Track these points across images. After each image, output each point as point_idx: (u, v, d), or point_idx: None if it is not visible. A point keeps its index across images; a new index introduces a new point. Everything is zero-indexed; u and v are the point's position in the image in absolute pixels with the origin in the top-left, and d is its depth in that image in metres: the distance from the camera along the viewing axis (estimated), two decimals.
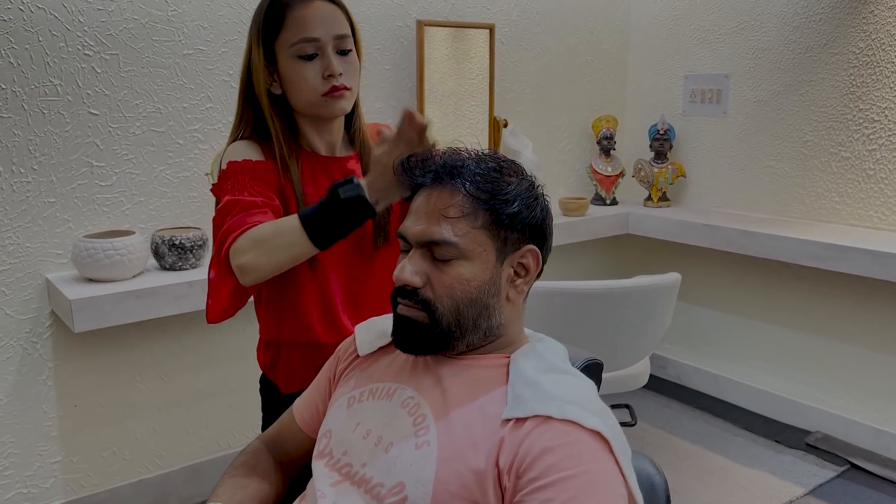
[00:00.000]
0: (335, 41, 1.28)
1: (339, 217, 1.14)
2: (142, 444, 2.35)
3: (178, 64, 2.25)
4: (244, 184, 1.25)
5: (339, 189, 1.14)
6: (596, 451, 0.85)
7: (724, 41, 3.01)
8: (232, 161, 1.28)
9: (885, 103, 2.56)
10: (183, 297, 2.06)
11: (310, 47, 1.26)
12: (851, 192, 2.69)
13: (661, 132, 3.16)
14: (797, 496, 2.46)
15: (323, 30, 1.26)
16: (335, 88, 1.27)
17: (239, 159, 1.28)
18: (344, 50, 1.29)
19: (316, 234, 1.15)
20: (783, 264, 2.87)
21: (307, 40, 1.26)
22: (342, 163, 1.37)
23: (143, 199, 2.25)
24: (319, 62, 1.27)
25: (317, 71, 1.27)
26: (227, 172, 1.27)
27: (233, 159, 1.28)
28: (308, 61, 1.27)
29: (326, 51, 1.27)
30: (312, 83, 1.27)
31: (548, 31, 3.09)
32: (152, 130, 2.23)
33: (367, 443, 0.96)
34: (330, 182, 1.33)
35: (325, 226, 1.15)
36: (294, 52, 1.27)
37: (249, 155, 1.29)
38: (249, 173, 1.26)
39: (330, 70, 1.26)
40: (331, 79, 1.27)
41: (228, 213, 1.22)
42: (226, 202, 1.23)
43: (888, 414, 2.66)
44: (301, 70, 1.27)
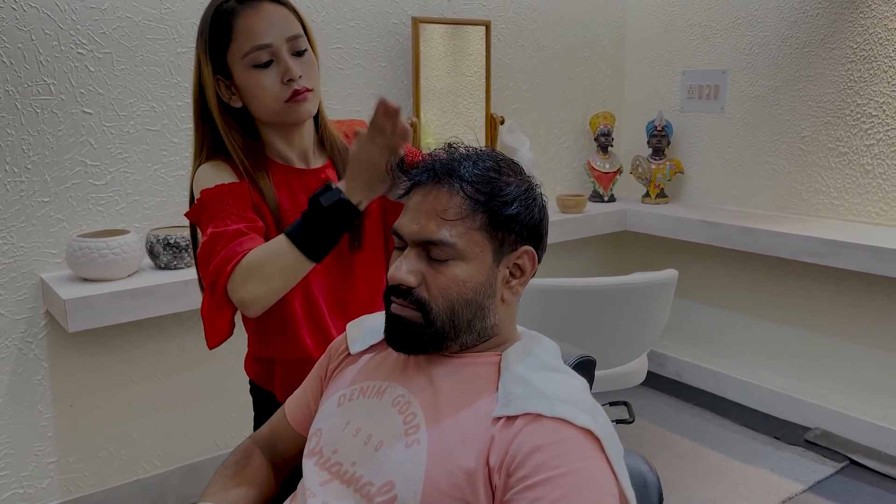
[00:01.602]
0: (289, 43, 1.22)
1: (326, 226, 1.12)
2: (139, 443, 2.34)
3: (171, 62, 2.24)
4: (223, 211, 1.20)
5: (319, 198, 1.12)
6: (586, 450, 0.84)
7: (721, 37, 3.00)
8: (204, 190, 1.23)
9: (882, 98, 2.55)
10: (178, 296, 2.05)
11: (264, 54, 1.20)
12: (849, 187, 2.68)
13: (659, 128, 3.15)
14: (796, 493, 2.45)
15: (274, 34, 1.20)
16: (297, 92, 1.22)
17: (211, 185, 1.22)
18: (299, 51, 1.23)
19: (308, 248, 1.13)
20: (782, 260, 2.86)
21: (260, 47, 1.20)
22: (318, 174, 1.32)
23: (137, 199, 2.24)
24: (276, 68, 1.21)
25: (275, 77, 1.21)
26: (203, 202, 1.22)
27: (205, 187, 1.23)
28: (264, 69, 1.21)
29: (281, 55, 1.21)
30: (272, 91, 1.21)
31: (544, 27, 3.08)
32: (146, 129, 2.23)
33: (357, 441, 0.95)
34: (308, 196, 1.28)
35: (314, 238, 1.13)
36: (248, 62, 1.21)
37: (220, 178, 1.24)
38: (224, 198, 1.21)
39: (289, 74, 1.21)
40: (291, 83, 1.22)
41: (216, 246, 1.18)
42: (210, 235, 1.19)
43: (887, 410, 2.65)
44: (258, 79, 1.21)
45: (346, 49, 2.56)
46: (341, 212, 1.12)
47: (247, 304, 1.14)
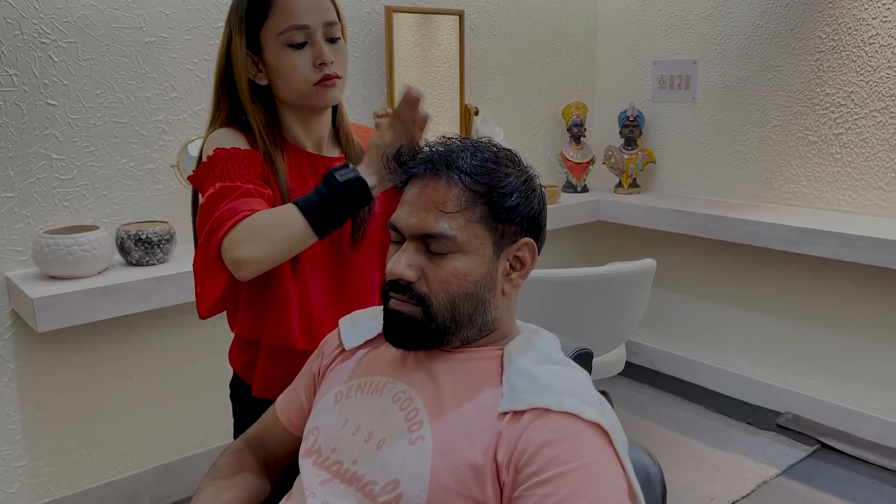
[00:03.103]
0: (325, 28, 1.23)
1: (338, 202, 1.11)
2: (111, 445, 2.28)
3: (139, 52, 2.17)
4: (234, 172, 1.19)
5: (335, 173, 1.10)
6: (595, 444, 0.83)
7: (692, 27, 3.02)
8: (220, 148, 1.22)
9: (851, 88, 2.59)
10: (152, 293, 2.00)
11: (299, 35, 1.21)
12: (819, 175, 2.73)
13: (631, 119, 3.16)
14: (770, 477, 2.49)
15: (312, 16, 1.21)
16: (327, 77, 1.22)
17: (227, 146, 1.22)
18: (333, 38, 1.24)
19: (316, 221, 1.11)
20: (753, 248, 2.90)
21: (297, 28, 1.20)
22: (329, 162, 1.32)
23: (106, 193, 2.18)
24: (309, 50, 1.22)
25: (307, 59, 1.21)
26: (214, 159, 1.21)
27: (221, 146, 1.22)
28: (297, 49, 1.21)
29: (316, 38, 1.22)
30: (303, 72, 1.22)
31: (517, 17, 3.06)
32: (114, 121, 2.16)
33: (357, 439, 0.93)
34: (317, 181, 1.29)
35: (325, 212, 1.11)
36: (283, 41, 1.21)
37: (237, 143, 1.24)
38: (239, 161, 1.21)
39: (322, 58, 1.21)
40: (322, 67, 1.22)
41: (222, 200, 1.15)
42: (219, 189, 1.17)
43: (857, 394, 2.71)
44: (290, 59, 1.21)
45: None
46: (355, 191, 1.11)
47: (240, 264, 1.10)
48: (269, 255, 1.11)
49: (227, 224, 1.12)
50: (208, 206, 1.16)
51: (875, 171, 2.57)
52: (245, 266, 1.11)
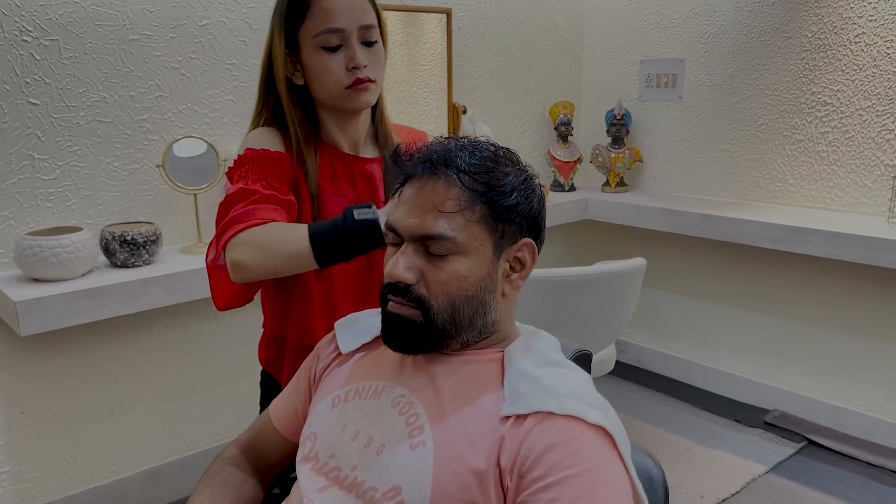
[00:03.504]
0: (360, 32, 1.23)
1: (347, 238, 1.09)
2: (95, 449, 2.24)
3: (123, 50, 2.14)
4: (258, 174, 1.22)
5: (354, 210, 1.09)
6: (600, 447, 0.82)
7: (678, 26, 3.02)
8: (250, 148, 1.25)
9: (836, 86, 2.60)
10: (138, 295, 1.96)
11: (334, 38, 1.22)
12: (805, 174, 2.74)
13: (618, 117, 3.16)
14: (759, 474, 2.50)
15: (348, 20, 1.22)
16: (359, 81, 1.24)
17: (257, 147, 1.25)
18: (369, 41, 1.25)
19: (321, 251, 1.10)
20: (741, 246, 2.91)
21: (332, 31, 1.21)
22: (363, 164, 1.33)
23: (89, 194, 2.14)
24: (343, 53, 1.23)
25: (341, 62, 1.23)
26: (243, 159, 1.24)
27: (251, 146, 1.25)
28: (332, 52, 1.23)
29: (351, 42, 1.23)
30: (336, 75, 1.23)
31: (504, 15, 3.05)
32: (98, 121, 2.12)
33: (356, 445, 0.91)
34: (349, 182, 1.30)
35: (331, 243, 1.10)
36: (318, 43, 1.23)
37: (269, 145, 1.26)
38: (266, 163, 1.23)
39: (354, 62, 1.23)
40: (355, 71, 1.23)
41: (239, 202, 1.18)
42: (237, 190, 1.19)
43: (844, 391, 2.72)
44: (324, 61, 1.23)
45: None
46: (367, 232, 1.09)
47: (236, 267, 1.11)
48: (265, 266, 1.11)
49: (237, 227, 1.13)
50: (225, 205, 1.19)
51: (861, 169, 2.59)
52: (240, 270, 1.11)
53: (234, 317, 2.45)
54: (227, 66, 2.33)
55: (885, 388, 2.62)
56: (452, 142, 0.95)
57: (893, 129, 2.49)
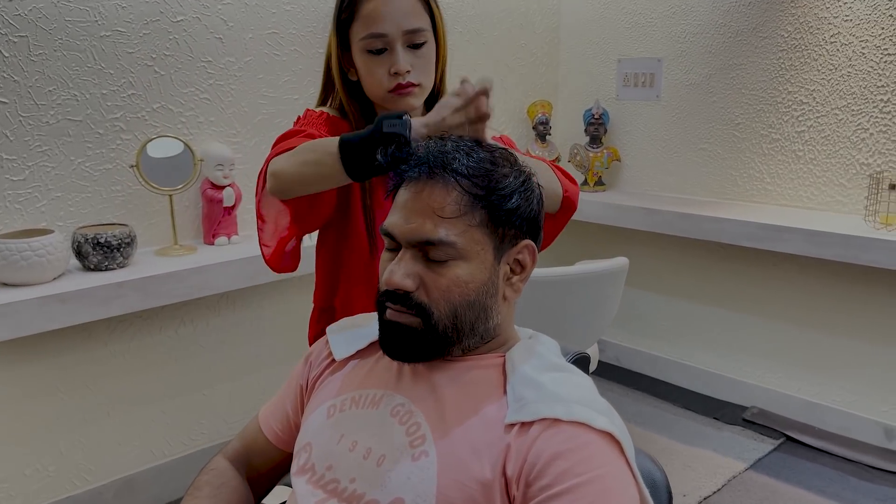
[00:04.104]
0: (405, 36, 1.23)
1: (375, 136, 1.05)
2: (68, 458, 2.18)
3: (94, 47, 2.07)
4: (311, 125, 1.27)
5: (384, 120, 1.05)
6: (608, 454, 0.80)
7: (656, 25, 3.03)
8: (311, 110, 1.32)
9: (812, 86, 2.63)
10: (113, 299, 1.91)
11: (378, 42, 1.22)
12: (782, 173, 2.76)
13: (596, 117, 3.16)
14: (739, 471, 2.51)
15: (391, 25, 1.21)
16: (401, 86, 1.24)
17: (318, 111, 1.32)
18: (416, 44, 1.24)
19: (348, 156, 1.06)
20: (719, 245, 2.92)
21: (374, 36, 1.22)
22: None
23: (60, 195, 2.07)
24: (388, 58, 1.23)
25: (385, 67, 1.23)
26: (303, 116, 1.31)
27: (313, 109, 1.32)
28: (377, 56, 1.23)
29: (395, 46, 1.22)
30: (379, 79, 1.24)
31: (482, 13, 3.03)
32: (68, 119, 2.06)
33: (354, 456, 0.88)
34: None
35: (358, 150, 1.06)
36: (363, 46, 1.24)
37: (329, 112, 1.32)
38: (322, 122, 1.28)
39: (396, 68, 1.23)
40: (396, 76, 1.24)
41: (288, 138, 1.22)
42: (291, 130, 1.24)
43: (820, 387, 2.75)
44: (369, 65, 1.24)
45: (281, 34, 2.44)
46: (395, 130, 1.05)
47: (272, 175, 1.13)
48: (298, 173, 1.11)
49: (282, 146, 1.17)
50: (277, 141, 1.24)
51: (836, 167, 2.62)
52: (274, 177, 1.13)
53: (212, 320, 2.40)
54: (202, 63, 2.28)
55: (861, 384, 2.65)
56: (449, 142, 0.92)
57: (868, 128, 2.52)
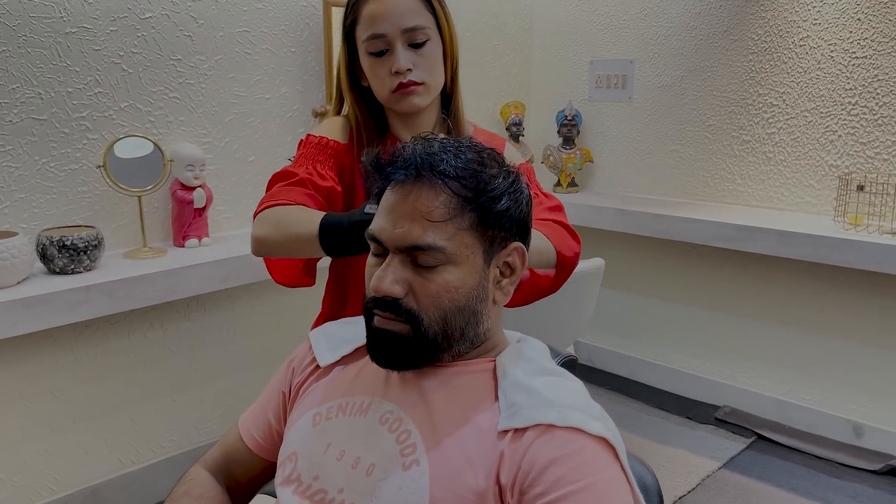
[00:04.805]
0: (405, 35, 1.23)
1: (353, 231, 1.05)
2: (32, 467, 2.11)
3: (59, 43, 2.01)
4: (307, 158, 1.27)
5: (367, 204, 1.05)
6: (603, 460, 0.79)
7: (628, 27, 3.04)
8: (311, 135, 1.32)
9: (782, 88, 2.66)
10: (80, 304, 1.85)
11: (379, 43, 1.23)
12: (753, 174, 2.79)
13: (569, 118, 3.17)
14: (713, 470, 2.53)
15: (390, 25, 1.22)
16: (402, 86, 1.24)
17: (317, 135, 1.31)
18: (416, 43, 1.24)
19: (326, 235, 1.08)
20: (691, 246, 2.95)
21: (374, 37, 1.23)
22: None
23: (24, 196, 2.01)
24: (389, 58, 1.24)
25: (387, 67, 1.24)
26: (302, 143, 1.31)
27: (314, 133, 1.32)
28: (379, 57, 1.24)
29: (395, 46, 1.23)
30: (382, 79, 1.25)
31: (455, 13, 3.00)
32: (32, 118, 1.99)
33: (342, 465, 0.85)
34: None
35: (339, 231, 1.07)
36: (365, 49, 1.25)
37: (330, 133, 1.31)
38: (319, 150, 1.28)
39: (396, 67, 1.23)
40: (397, 76, 1.24)
41: (279, 181, 1.24)
42: (282, 170, 1.26)
43: (790, 385, 2.79)
44: (373, 66, 1.25)
45: (253, 32, 2.40)
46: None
47: (254, 240, 1.17)
48: (276, 244, 1.14)
49: (265, 204, 1.19)
50: (269, 183, 1.26)
51: (806, 169, 2.65)
52: (256, 244, 1.16)
53: (182, 324, 2.34)
54: (171, 61, 2.22)
55: (830, 383, 2.69)
56: (436, 143, 0.90)
57: (837, 130, 2.56)
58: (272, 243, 1.14)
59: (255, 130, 2.45)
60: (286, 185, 1.22)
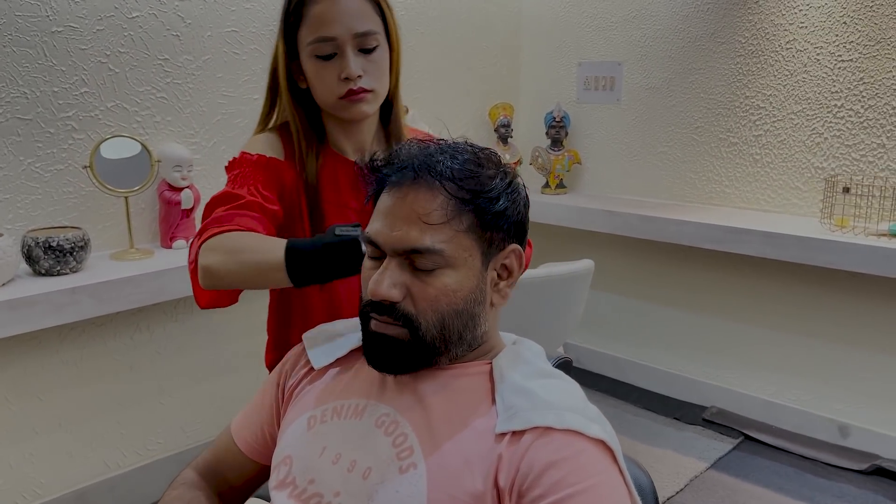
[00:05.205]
0: (355, 40, 1.16)
1: (325, 253, 1.00)
2: (17, 471, 2.08)
3: (45, 42, 1.99)
4: (248, 178, 1.17)
5: (337, 227, 1.01)
6: (602, 462, 0.79)
7: (616, 29, 3.05)
8: (245, 152, 1.21)
9: (769, 91, 2.68)
10: (66, 305, 1.83)
11: (327, 47, 1.16)
12: (740, 176, 2.81)
13: (557, 119, 3.17)
14: (701, 471, 2.54)
15: (341, 28, 1.15)
16: (352, 92, 1.17)
17: (253, 153, 1.21)
18: (367, 48, 1.18)
19: (294, 265, 1.01)
20: (679, 247, 2.96)
21: (323, 39, 1.16)
22: None
23: (8, 197, 1.98)
24: (338, 63, 1.16)
25: (334, 72, 1.17)
26: (237, 162, 1.21)
27: (247, 150, 1.22)
28: (326, 61, 1.17)
29: (345, 51, 1.16)
30: (329, 85, 1.18)
31: (444, 14, 3.01)
32: (17, 118, 1.97)
33: (338, 469, 0.85)
34: (353, 190, 1.24)
35: (307, 257, 1.01)
36: (311, 51, 1.17)
37: (266, 150, 1.22)
38: (258, 169, 1.19)
39: (346, 73, 1.16)
40: (347, 82, 1.17)
41: (221, 205, 1.14)
42: (223, 193, 1.16)
43: (777, 386, 2.81)
44: (319, 70, 1.18)
45: (241, 32, 2.38)
46: (346, 249, 1.00)
47: (206, 272, 1.05)
48: (230, 274, 1.04)
49: (213, 230, 1.08)
50: (210, 206, 1.15)
51: (792, 171, 2.67)
52: (209, 276, 1.05)
53: (169, 325, 2.32)
54: (158, 61, 2.21)
55: (816, 383, 2.71)
56: (430, 144, 0.89)
57: (823, 132, 2.58)
58: (226, 273, 1.03)
59: (243, 131, 2.43)
60: (231, 209, 1.12)
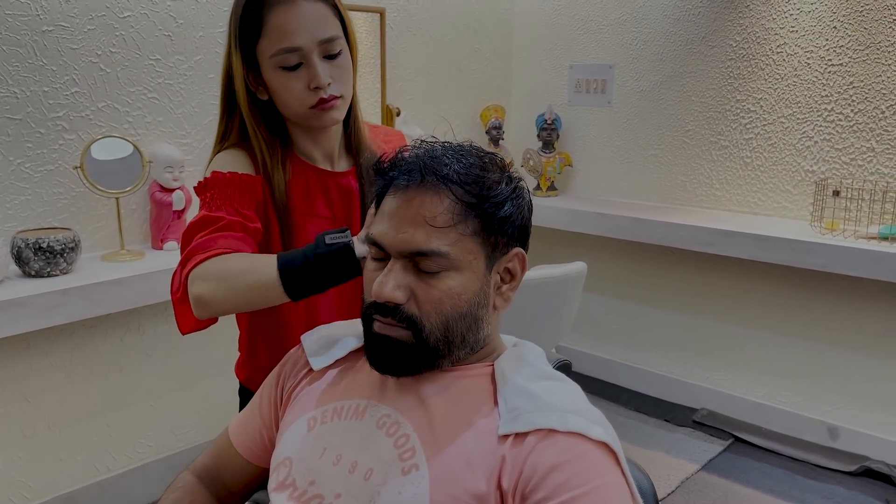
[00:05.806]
0: (321, 47, 1.14)
1: (318, 264, 0.99)
2: (5, 475, 2.06)
3: (36, 42, 1.97)
4: (224, 198, 1.13)
5: (326, 235, 1.00)
6: (605, 465, 0.79)
7: (608, 32, 3.06)
8: (216, 171, 1.15)
9: (760, 94, 2.70)
10: (56, 307, 1.81)
11: (293, 57, 1.12)
12: (730, 179, 2.82)
13: (549, 122, 3.18)
14: (692, 472, 2.55)
15: (306, 36, 1.12)
16: (323, 101, 1.15)
17: (224, 171, 1.15)
18: (332, 54, 1.15)
19: (290, 282, 0.99)
20: (670, 250, 2.97)
21: (288, 50, 1.12)
22: (339, 177, 1.24)
23: None
24: (305, 72, 1.13)
25: (303, 82, 1.14)
26: (209, 183, 1.15)
27: (218, 170, 1.16)
28: (292, 71, 1.13)
29: (311, 59, 1.13)
30: (298, 95, 1.14)
31: (436, 16, 3.01)
32: (7, 118, 1.95)
33: (339, 470, 0.84)
34: (324, 197, 1.22)
35: (301, 271, 0.99)
36: (276, 63, 1.13)
37: (236, 167, 1.17)
38: (233, 187, 1.14)
39: (316, 82, 1.13)
40: (317, 91, 1.14)
41: (201, 230, 1.09)
42: (200, 218, 1.11)
43: (767, 388, 2.82)
44: (285, 81, 1.14)
45: None
46: (339, 258, 0.99)
47: (199, 302, 1.03)
48: (229, 300, 1.02)
49: (198, 257, 1.04)
50: (188, 234, 1.11)
51: (782, 174, 2.69)
52: (203, 306, 1.03)
53: (160, 327, 2.30)
54: (150, 61, 2.19)
55: (805, 385, 2.73)
56: (436, 147, 0.89)
57: (813, 136, 2.60)
58: (220, 300, 1.01)
59: None
60: (212, 232, 1.09)
